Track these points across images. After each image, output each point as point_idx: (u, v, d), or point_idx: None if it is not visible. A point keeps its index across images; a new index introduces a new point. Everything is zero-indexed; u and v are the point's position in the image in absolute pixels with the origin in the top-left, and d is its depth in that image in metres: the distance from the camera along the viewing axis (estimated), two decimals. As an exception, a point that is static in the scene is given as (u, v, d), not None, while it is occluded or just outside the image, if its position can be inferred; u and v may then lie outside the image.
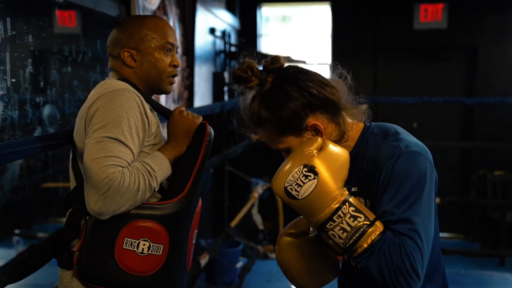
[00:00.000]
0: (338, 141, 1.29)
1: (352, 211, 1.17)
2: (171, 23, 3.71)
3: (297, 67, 1.34)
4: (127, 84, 1.50)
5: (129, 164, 1.35)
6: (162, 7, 3.54)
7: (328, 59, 6.23)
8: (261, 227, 4.54)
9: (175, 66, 1.59)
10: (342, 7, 6.18)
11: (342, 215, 1.16)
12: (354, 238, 1.15)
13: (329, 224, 1.17)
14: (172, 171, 1.48)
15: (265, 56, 1.43)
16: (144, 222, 1.38)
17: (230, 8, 5.74)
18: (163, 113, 1.60)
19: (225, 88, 5.06)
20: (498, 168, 5.91)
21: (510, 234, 5.58)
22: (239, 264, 4.04)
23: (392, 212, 1.18)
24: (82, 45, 2.63)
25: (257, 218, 4.45)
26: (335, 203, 1.17)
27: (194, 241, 1.60)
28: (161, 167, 1.41)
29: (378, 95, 6.04)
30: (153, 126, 1.50)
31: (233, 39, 5.61)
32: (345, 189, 1.20)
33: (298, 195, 1.18)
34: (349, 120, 1.33)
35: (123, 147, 1.35)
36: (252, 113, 1.31)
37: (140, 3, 3.11)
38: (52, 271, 1.61)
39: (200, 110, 3.37)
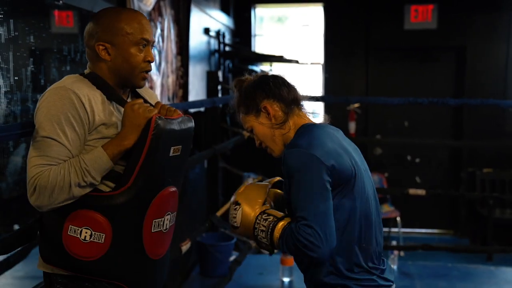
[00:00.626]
0: (283, 125, 1.65)
1: (265, 216, 1.56)
2: (165, 24, 3.83)
3: (272, 74, 1.75)
4: (76, 80, 1.52)
5: (63, 160, 1.45)
6: (157, 8, 3.66)
7: (321, 59, 6.35)
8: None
9: (149, 62, 1.59)
10: (335, 8, 6.30)
11: (259, 221, 1.57)
12: (269, 232, 1.54)
13: (255, 231, 1.57)
14: (124, 163, 1.53)
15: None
16: (87, 212, 1.49)
17: (224, 8, 5.85)
18: (121, 104, 1.59)
19: (219, 87, 5.18)
20: (487, 166, 6.05)
21: (498, 230, 5.72)
22: (232, 258, 4.16)
23: (296, 206, 1.51)
24: (80, 44, 2.74)
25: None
26: (253, 217, 1.58)
27: (161, 229, 1.62)
28: (96, 161, 1.46)
29: (370, 94, 6.17)
30: (102, 118, 1.52)
31: (227, 39, 5.73)
32: (263, 206, 1.60)
33: (237, 223, 1.61)
34: (301, 113, 1.70)
35: (56, 145, 1.45)
36: (234, 101, 1.74)
37: (136, 4, 3.22)
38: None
39: (192, 104, 3.49)
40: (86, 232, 1.49)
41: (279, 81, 1.69)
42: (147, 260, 1.61)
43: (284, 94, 1.66)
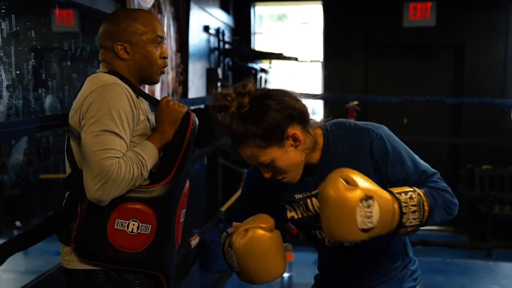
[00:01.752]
0: (312, 149, 1.45)
1: (404, 195, 1.34)
2: (165, 21, 3.86)
3: (266, 88, 1.50)
4: (115, 77, 1.59)
5: (124, 154, 1.49)
6: (157, 5, 3.69)
7: (320, 56, 6.37)
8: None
9: (165, 58, 1.68)
10: (334, 5, 6.32)
11: (405, 204, 1.33)
12: (422, 209, 1.35)
13: (404, 219, 1.33)
14: (159, 157, 1.61)
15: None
16: (133, 205, 1.53)
17: (224, 6, 5.88)
18: (152, 102, 1.70)
19: (219, 84, 5.21)
20: (486, 163, 6.07)
21: (497, 227, 5.74)
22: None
23: (409, 173, 1.44)
24: (80, 40, 2.77)
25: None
26: (394, 203, 1.33)
27: (182, 220, 1.73)
28: (151, 156, 1.55)
29: (369, 92, 6.19)
30: (142, 115, 1.61)
31: (227, 37, 5.75)
32: (381, 188, 1.34)
33: (373, 225, 1.29)
34: (313, 128, 1.48)
35: (117, 138, 1.48)
36: (235, 132, 1.42)
37: (136, 1, 3.25)
38: (49, 260, 1.75)
39: (193, 101, 3.52)
40: (133, 224, 1.53)
41: (290, 96, 1.44)
42: (175, 249, 1.70)
43: (302, 111, 1.44)
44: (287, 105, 1.40)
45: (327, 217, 1.31)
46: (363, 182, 1.30)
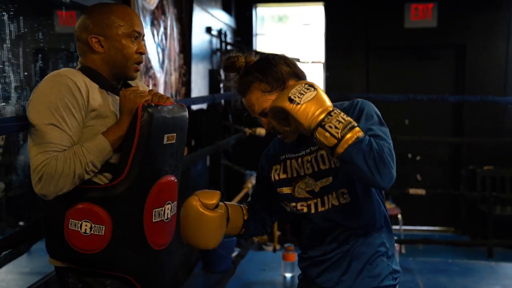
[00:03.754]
0: None
1: (342, 115, 1.40)
2: (168, 22, 3.88)
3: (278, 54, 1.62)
4: (70, 69, 1.54)
5: (66, 147, 1.46)
6: (160, 6, 3.71)
7: (322, 57, 6.39)
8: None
9: (141, 53, 1.62)
10: (335, 7, 6.34)
11: (336, 112, 1.40)
12: (348, 128, 1.37)
13: (327, 118, 1.38)
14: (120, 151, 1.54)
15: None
16: (85, 205, 1.49)
17: (226, 8, 5.90)
18: (115, 93, 1.61)
19: (221, 85, 5.23)
20: (487, 163, 6.08)
21: (498, 227, 5.75)
22: (235, 254, 4.20)
23: (367, 128, 1.46)
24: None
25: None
26: (329, 107, 1.41)
27: (162, 218, 1.62)
28: (98, 149, 1.48)
29: (371, 92, 6.21)
30: (99, 105, 1.53)
31: (229, 38, 5.77)
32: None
33: (300, 100, 1.39)
34: None
35: (56, 131, 1.44)
36: (242, 80, 1.56)
37: (139, 3, 3.27)
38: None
39: (194, 101, 3.53)
40: (86, 225, 1.49)
41: (292, 60, 1.60)
42: (150, 250, 1.60)
43: (301, 73, 1.58)
44: (292, 63, 1.57)
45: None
46: (319, 88, 1.45)
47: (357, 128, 1.38)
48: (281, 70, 1.53)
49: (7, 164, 2.80)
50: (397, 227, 5.61)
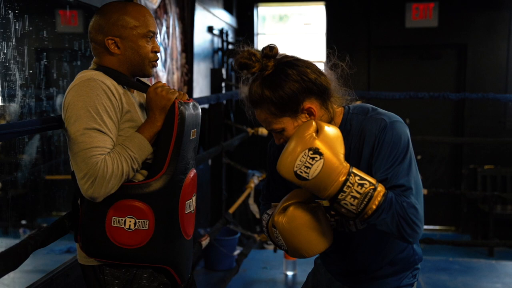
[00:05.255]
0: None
1: (358, 180, 1.31)
2: (171, 21, 3.89)
3: (294, 56, 1.47)
4: (97, 72, 1.55)
5: (110, 149, 1.49)
6: (163, 5, 3.72)
7: (323, 57, 6.40)
8: (258, 216, 4.72)
9: (156, 52, 1.64)
10: (336, 6, 6.36)
11: (350, 185, 1.30)
12: (365, 202, 1.30)
13: (340, 195, 1.30)
14: (153, 147, 1.58)
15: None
16: (128, 201, 1.52)
17: (227, 7, 5.92)
18: (142, 91, 1.64)
19: (223, 84, 5.24)
20: (488, 162, 6.10)
21: (499, 226, 5.77)
22: (236, 252, 4.22)
23: (388, 174, 1.35)
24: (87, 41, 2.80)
25: (254, 207, 4.64)
26: (341, 176, 1.30)
27: (191, 210, 1.69)
28: (140, 147, 1.53)
29: (371, 91, 6.23)
30: (129, 106, 1.57)
31: (230, 37, 5.79)
32: (346, 162, 1.33)
33: (308, 176, 1.30)
34: (334, 106, 1.48)
35: (100, 135, 1.47)
36: (252, 94, 1.42)
37: (142, 2, 3.28)
38: (55, 259, 1.76)
39: (200, 100, 3.53)
40: (130, 221, 1.53)
41: (314, 69, 1.43)
42: (184, 241, 1.67)
43: (324, 87, 1.42)
44: (308, 78, 1.39)
45: (287, 145, 1.37)
46: (327, 139, 1.32)
47: (375, 193, 1.30)
48: (292, 90, 1.37)
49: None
50: (398, 226, 5.62)
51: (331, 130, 1.35)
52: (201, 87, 4.74)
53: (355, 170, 1.32)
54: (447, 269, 4.29)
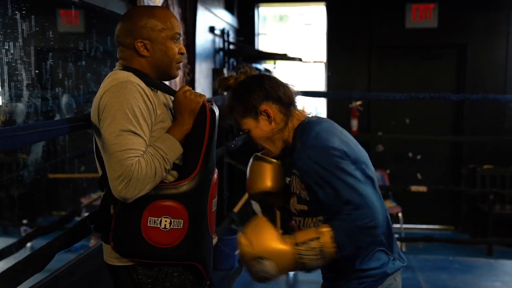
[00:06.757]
0: (284, 128, 1.64)
1: (304, 248, 1.48)
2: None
3: (264, 74, 1.74)
4: (130, 74, 1.60)
5: (143, 151, 1.52)
6: (165, 6, 3.75)
7: (324, 57, 6.43)
8: (261, 215, 4.72)
9: (182, 54, 1.71)
10: (337, 6, 6.38)
11: (306, 255, 1.48)
12: (325, 253, 1.47)
13: (305, 264, 1.49)
14: (183, 149, 1.63)
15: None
16: (164, 202, 1.57)
17: (229, 7, 5.94)
18: (171, 94, 1.71)
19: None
20: (487, 162, 6.13)
21: (498, 226, 5.80)
22: (238, 251, 4.24)
23: (327, 203, 1.51)
24: (94, 41, 2.83)
25: (256, 207, 4.65)
26: (294, 256, 1.49)
27: (214, 209, 1.76)
28: (172, 149, 1.57)
29: (372, 92, 6.25)
30: (159, 108, 1.63)
31: (231, 38, 5.81)
32: (284, 242, 1.50)
33: (269, 274, 1.50)
34: (296, 112, 1.68)
35: (135, 137, 1.51)
36: (228, 97, 1.68)
37: (145, 2, 3.31)
38: (58, 258, 1.79)
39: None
40: (166, 221, 1.57)
41: (275, 81, 1.66)
42: (210, 238, 1.74)
43: (282, 95, 1.64)
44: (268, 87, 1.63)
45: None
46: (261, 243, 1.50)
47: (324, 241, 1.46)
48: (251, 96, 1.62)
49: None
50: (397, 225, 5.66)
51: (259, 225, 1.56)
52: (202, 87, 4.77)
53: (298, 241, 1.49)
54: (447, 268, 4.33)
